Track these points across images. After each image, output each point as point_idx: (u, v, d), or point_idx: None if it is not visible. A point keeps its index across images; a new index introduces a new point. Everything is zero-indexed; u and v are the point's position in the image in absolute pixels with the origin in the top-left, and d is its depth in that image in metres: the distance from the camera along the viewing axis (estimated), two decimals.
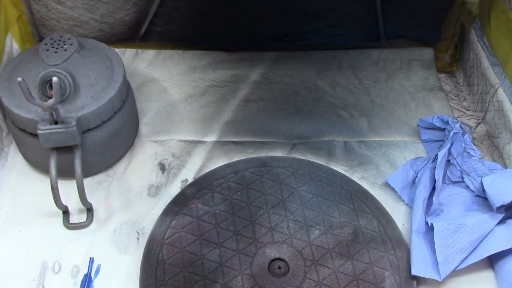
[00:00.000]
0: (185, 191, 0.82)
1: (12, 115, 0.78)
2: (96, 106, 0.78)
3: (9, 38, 0.94)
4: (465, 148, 0.84)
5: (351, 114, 0.98)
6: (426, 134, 0.92)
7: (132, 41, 1.08)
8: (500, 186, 0.75)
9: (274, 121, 0.97)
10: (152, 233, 0.76)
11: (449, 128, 0.87)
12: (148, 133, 0.94)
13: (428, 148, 0.91)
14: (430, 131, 0.91)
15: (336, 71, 1.07)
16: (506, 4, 0.88)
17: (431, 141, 0.91)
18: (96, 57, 0.83)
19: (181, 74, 1.06)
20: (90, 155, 0.81)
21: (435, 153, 0.85)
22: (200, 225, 0.77)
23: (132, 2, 0.99)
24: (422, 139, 0.93)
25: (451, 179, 0.83)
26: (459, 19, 1.04)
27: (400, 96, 1.02)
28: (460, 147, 0.84)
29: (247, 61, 1.08)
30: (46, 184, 0.76)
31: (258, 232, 0.76)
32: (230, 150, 0.91)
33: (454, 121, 0.87)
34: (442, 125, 0.89)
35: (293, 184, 0.83)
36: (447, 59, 1.09)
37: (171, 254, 0.73)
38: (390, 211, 0.81)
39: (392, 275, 0.72)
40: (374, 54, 1.10)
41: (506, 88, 0.87)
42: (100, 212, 0.81)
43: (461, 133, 0.85)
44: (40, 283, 0.72)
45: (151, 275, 0.71)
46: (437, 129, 0.90)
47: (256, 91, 1.03)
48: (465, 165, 0.83)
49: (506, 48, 0.88)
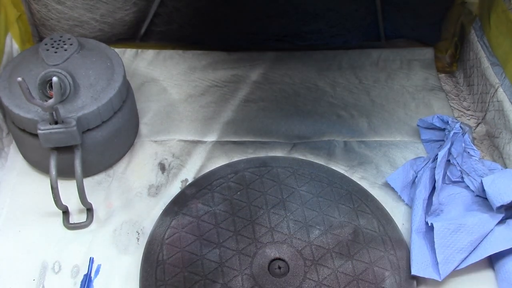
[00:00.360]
0: (185, 191, 0.82)
1: (12, 115, 0.78)
2: (96, 106, 0.78)
3: (9, 38, 0.94)
4: (465, 148, 0.84)
5: (351, 114, 0.98)
6: (426, 134, 0.92)
7: (132, 41, 1.08)
8: (500, 186, 0.75)
9: (274, 121, 0.97)
10: (152, 233, 0.76)
11: (449, 128, 0.87)
12: (148, 133, 0.94)
13: (428, 148, 0.91)
14: (430, 131, 0.91)
15: (336, 71, 1.07)
16: (506, 4, 0.88)
17: (431, 141, 0.91)
18: (96, 57, 0.83)
19: (181, 74, 1.06)
20: (90, 155, 0.81)
21: (435, 153, 0.85)
22: (200, 225, 0.77)
23: (132, 2, 0.99)
24: (422, 139, 0.93)
25: (451, 179, 0.83)
26: (459, 19, 1.04)
27: (400, 96, 1.02)
28: (460, 147, 0.84)
29: (247, 61, 1.08)
30: (46, 184, 0.76)
31: (258, 232, 0.76)
32: (230, 150, 0.91)
33: (454, 121, 0.87)
34: (442, 125, 0.89)
35: (293, 184, 0.83)
36: (447, 59, 1.09)
37: (171, 254, 0.73)
38: (390, 211, 0.81)
39: (392, 275, 0.72)
40: (374, 54, 1.10)
41: (506, 88, 0.87)
42: (100, 212, 0.81)
43: (461, 133, 0.85)
44: (40, 283, 0.72)
45: (151, 275, 0.71)
46: (437, 129, 0.90)
47: (256, 91, 1.03)
48: (465, 165, 0.83)
49: (506, 48, 0.88)
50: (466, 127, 0.87)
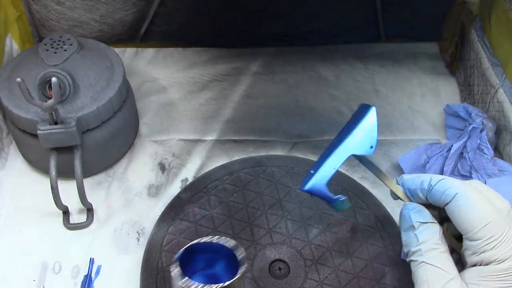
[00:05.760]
0: (181, 195, 0.81)
1: (12, 115, 0.78)
2: (96, 106, 0.78)
3: (9, 38, 0.94)
4: (480, 144, 0.84)
5: (352, 110, 0.98)
6: (450, 120, 0.93)
7: (132, 41, 1.08)
8: (503, 190, 0.74)
9: (274, 120, 0.96)
10: (150, 241, 0.75)
11: (470, 121, 0.87)
12: (148, 133, 0.93)
13: (449, 134, 0.92)
14: (455, 118, 0.92)
15: (339, 59, 1.07)
16: (506, 4, 0.88)
17: (453, 128, 0.92)
18: (96, 57, 0.83)
19: (180, 71, 1.05)
20: (90, 155, 0.81)
21: (454, 141, 0.85)
22: (198, 230, 0.76)
23: (132, 2, 0.99)
24: (446, 124, 0.94)
25: (460, 172, 0.83)
26: (459, 19, 1.04)
27: (406, 83, 1.02)
28: (475, 142, 0.84)
29: (248, 55, 1.08)
30: (46, 184, 0.76)
31: (256, 234, 0.76)
32: (231, 149, 0.91)
33: (478, 114, 0.87)
34: (466, 116, 0.89)
35: (289, 183, 0.83)
36: (447, 59, 1.09)
37: (170, 261, 0.72)
38: (391, 211, 0.80)
39: (392, 270, 0.72)
40: (378, 48, 1.10)
41: (507, 88, 0.87)
42: (100, 212, 0.81)
43: (480, 129, 0.85)
44: (41, 283, 0.73)
45: (152, 283, 0.70)
46: (461, 118, 0.90)
47: (257, 83, 1.02)
48: (475, 161, 0.83)
49: (507, 48, 0.88)
50: (488, 123, 0.86)
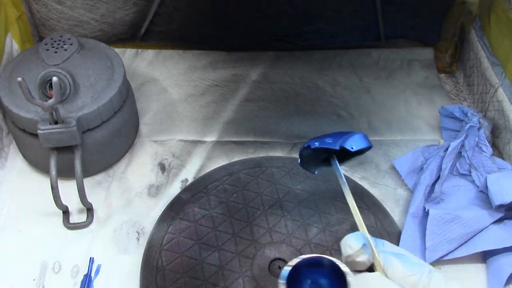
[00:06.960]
0: (181, 195, 0.81)
1: (12, 115, 0.78)
2: (96, 106, 0.78)
3: (9, 38, 0.94)
4: (478, 142, 0.85)
5: (351, 113, 0.98)
6: (445, 122, 0.93)
7: (132, 41, 1.08)
8: (504, 186, 0.74)
9: (274, 121, 0.97)
10: (150, 240, 0.75)
11: (466, 120, 0.87)
12: (148, 133, 0.94)
13: (445, 136, 0.92)
14: (450, 120, 0.92)
15: (336, 69, 1.07)
16: (506, 4, 0.88)
17: (449, 130, 0.92)
18: (96, 57, 0.83)
19: (181, 74, 1.06)
20: (90, 155, 0.81)
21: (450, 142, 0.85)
22: (198, 229, 0.76)
23: (132, 2, 0.99)
24: (441, 126, 0.94)
25: (459, 171, 0.83)
26: (459, 19, 1.04)
27: (401, 93, 1.02)
28: (473, 141, 0.84)
29: (247, 61, 1.08)
30: (46, 184, 0.76)
31: (256, 233, 0.76)
32: (230, 150, 0.91)
33: (474, 114, 0.88)
34: (461, 116, 0.89)
35: (288, 183, 0.83)
36: (447, 59, 1.09)
37: (170, 260, 0.73)
38: (391, 211, 0.80)
39: None
40: (374, 54, 1.10)
41: (506, 88, 0.87)
42: (100, 212, 0.81)
43: (478, 127, 0.86)
44: (40, 283, 0.73)
45: (152, 282, 0.70)
46: (457, 119, 0.90)
47: (256, 90, 1.03)
48: (474, 159, 0.83)
49: (506, 48, 0.88)
50: (485, 122, 0.87)
